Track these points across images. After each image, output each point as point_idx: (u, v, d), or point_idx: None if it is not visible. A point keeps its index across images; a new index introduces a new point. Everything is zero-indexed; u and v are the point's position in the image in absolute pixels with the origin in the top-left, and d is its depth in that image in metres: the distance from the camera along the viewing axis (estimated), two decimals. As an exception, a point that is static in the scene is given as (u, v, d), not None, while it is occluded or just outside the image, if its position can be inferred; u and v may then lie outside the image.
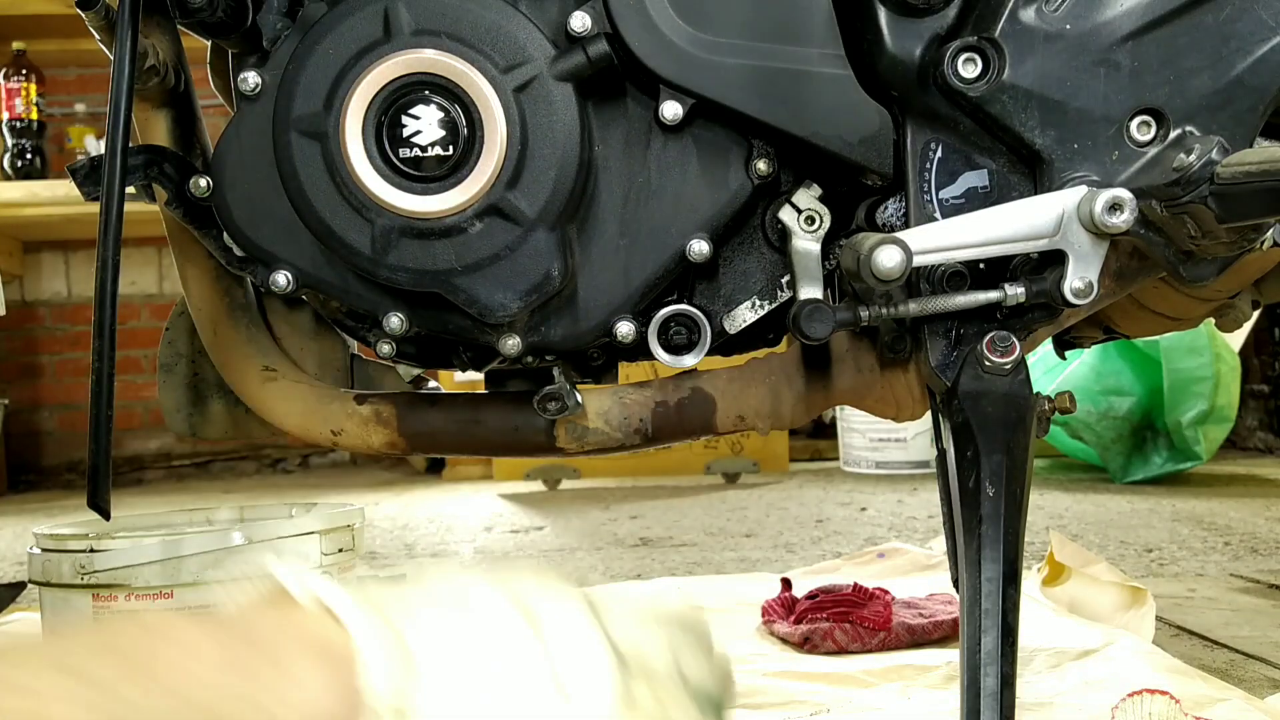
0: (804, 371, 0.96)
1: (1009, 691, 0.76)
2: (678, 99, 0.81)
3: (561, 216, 0.80)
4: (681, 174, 0.84)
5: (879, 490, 3.13)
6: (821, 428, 3.97)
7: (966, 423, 0.80)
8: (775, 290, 0.88)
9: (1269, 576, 1.86)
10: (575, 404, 0.92)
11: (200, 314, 0.99)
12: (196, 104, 0.95)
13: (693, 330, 0.87)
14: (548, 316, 0.85)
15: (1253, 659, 1.37)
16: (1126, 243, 0.83)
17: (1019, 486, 0.79)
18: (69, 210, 3.46)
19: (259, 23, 0.84)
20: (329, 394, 0.98)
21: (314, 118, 0.78)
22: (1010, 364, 0.80)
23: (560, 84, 0.79)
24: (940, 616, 1.38)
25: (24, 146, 3.69)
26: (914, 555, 1.88)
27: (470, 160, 0.78)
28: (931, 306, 0.80)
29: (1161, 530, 2.35)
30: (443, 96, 0.78)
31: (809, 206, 0.85)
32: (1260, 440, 3.95)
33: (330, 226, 0.80)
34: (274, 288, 0.85)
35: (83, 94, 4.11)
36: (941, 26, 0.80)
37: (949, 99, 0.79)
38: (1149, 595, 1.44)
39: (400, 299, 0.85)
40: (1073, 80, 0.78)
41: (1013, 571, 0.77)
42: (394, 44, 0.77)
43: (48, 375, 4.17)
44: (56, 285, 4.22)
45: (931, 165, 0.81)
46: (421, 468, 4.04)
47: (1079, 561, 1.57)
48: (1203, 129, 0.78)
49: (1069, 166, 0.79)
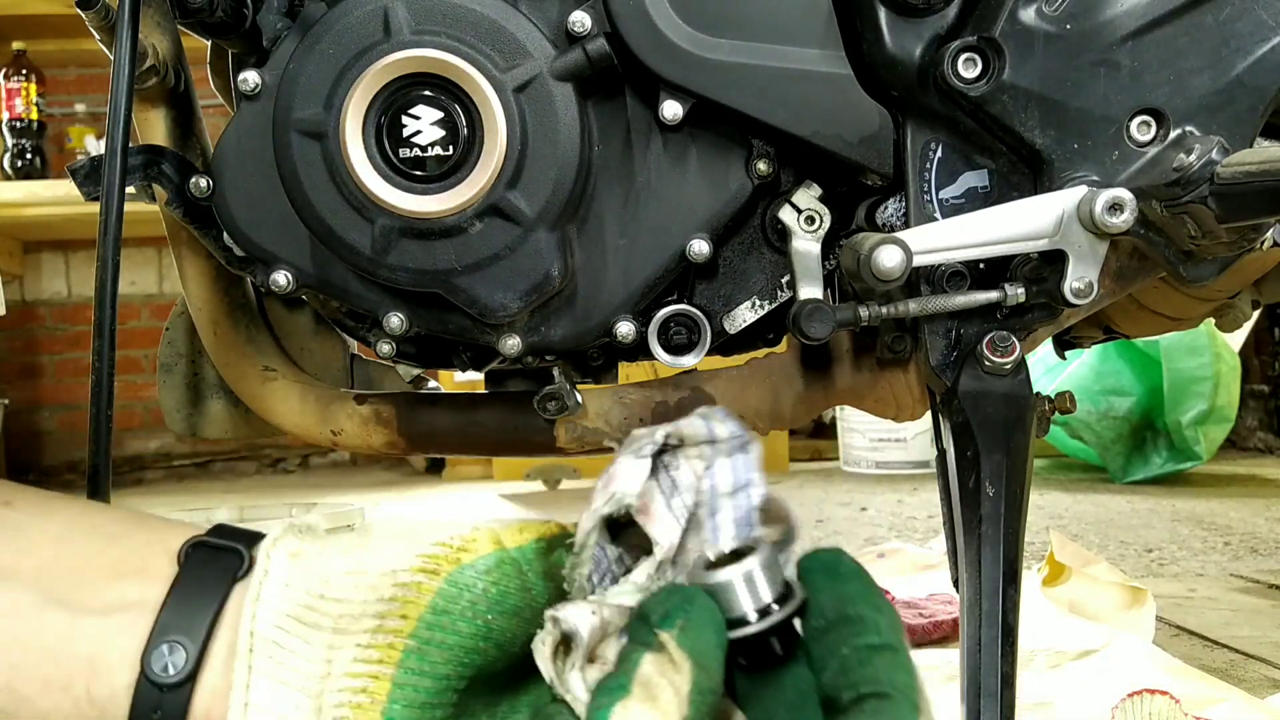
0: (804, 371, 0.96)
1: (1009, 691, 0.76)
2: (678, 99, 0.81)
3: (561, 216, 0.80)
4: (681, 174, 0.84)
5: (879, 490, 3.13)
6: (821, 428, 3.98)
7: (966, 423, 0.80)
8: (775, 290, 0.88)
9: (1269, 576, 1.86)
10: (575, 404, 0.92)
11: (200, 314, 0.99)
12: (196, 104, 0.95)
13: (693, 330, 0.87)
14: (548, 316, 0.85)
15: (1253, 659, 1.37)
16: (1126, 243, 0.83)
17: (1019, 486, 0.79)
18: (69, 210, 3.46)
19: (259, 23, 0.84)
20: (329, 394, 0.98)
21: (314, 118, 0.78)
22: (1010, 364, 0.80)
23: (560, 84, 0.79)
24: (940, 616, 1.38)
25: (24, 146, 3.70)
26: (914, 555, 1.89)
27: (470, 160, 0.78)
28: (931, 306, 0.80)
29: (1161, 530, 2.35)
30: (443, 96, 0.78)
31: (809, 206, 0.85)
32: (1260, 440, 3.95)
33: (330, 226, 0.80)
34: (274, 288, 0.85)
35: (83, 94, 4.12)
36: (941, 26, 0.80)
37: (949, 99, 0.79)
38: (1149, 595, 1.44)
39: (400, 299, 0.85)
40: (1073, 80, 0.78)
41: (1013, 571, 0.77)
42: (394, 43, 0.77)
43: (48, 375, 4.17)
44: (56, 285, 4.22)
45: (931, 165, 0.81)
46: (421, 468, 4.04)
47: (1079, 561, 1.57)
48: (1203, 129, 0.78)
49: (1069, 166, 0.79)
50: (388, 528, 0.47)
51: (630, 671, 0.41)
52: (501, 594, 0.45)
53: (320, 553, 0.46)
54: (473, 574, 0.45)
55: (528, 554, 0.46)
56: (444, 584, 0.45)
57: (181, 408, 1.05)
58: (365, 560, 0.46)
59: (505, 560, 0.46)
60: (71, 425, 4.19)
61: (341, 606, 0.45)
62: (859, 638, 0.43)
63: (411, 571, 0.45)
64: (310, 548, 0.47)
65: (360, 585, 0.45)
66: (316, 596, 0.45)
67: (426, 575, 0.45)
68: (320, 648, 0.45)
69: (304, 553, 0.46)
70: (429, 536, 0.45)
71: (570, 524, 0.48)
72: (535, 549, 0.46)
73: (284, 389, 0.98)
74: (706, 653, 0.42)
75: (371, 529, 0.48)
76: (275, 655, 0.44)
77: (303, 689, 0.44)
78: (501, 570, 0.45)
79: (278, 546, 0.47)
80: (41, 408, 4.14)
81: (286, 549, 0.46)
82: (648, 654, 0.42)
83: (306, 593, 0.45)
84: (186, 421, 1.05)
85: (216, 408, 1.05)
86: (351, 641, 0.44)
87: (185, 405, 1.05)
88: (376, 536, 0.46)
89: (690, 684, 0.41)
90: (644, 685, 0.41)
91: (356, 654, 0.44)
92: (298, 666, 0.44)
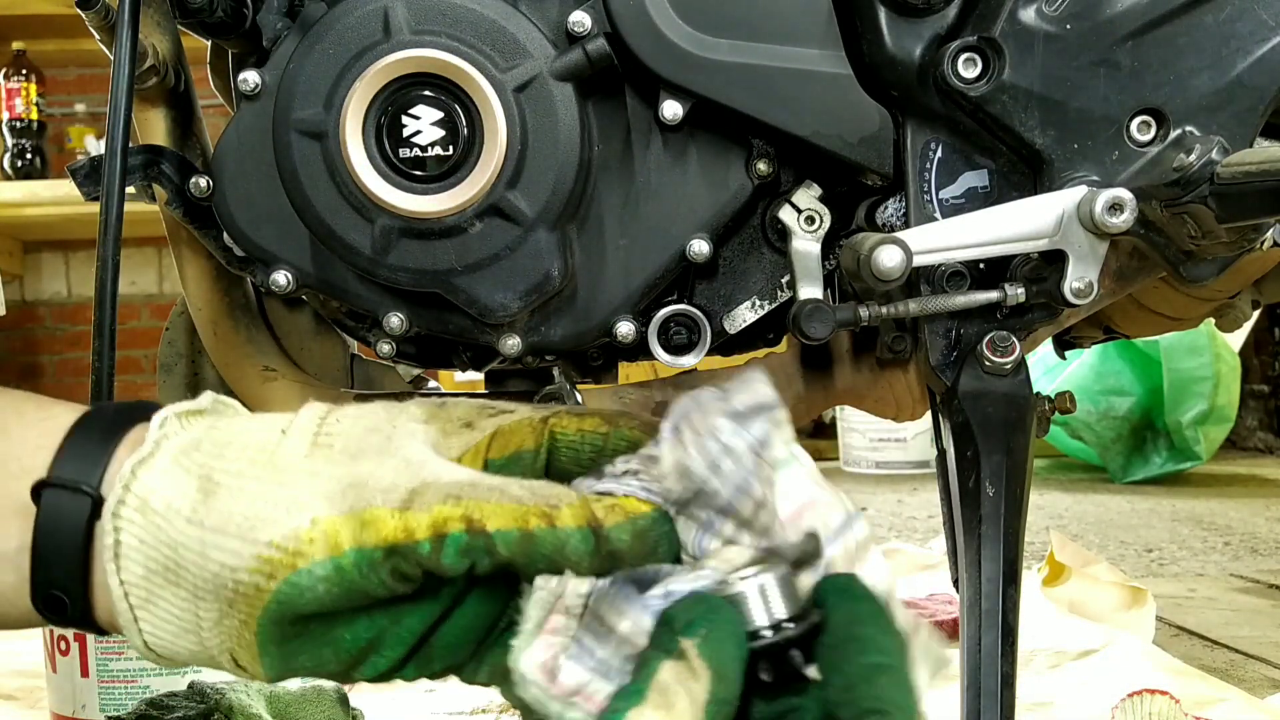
0: (804, 371, 0.96)
1: (1009, 691, 0.76)
2: (678, 99, 0.81)
3: (562, 216, 0.80)
4: (681, 174, 0.84)
5: (879, 490, 3.13)
6: (821, 428, 3.97)
7: (966, 423, 0.80)
8: (775, 290, 0.88)
9: (1269, 576, 1.86)
10: (575, 404, 0.92)
11: (200, 314, 0.99)
12: (196, 104, 0.94)
13: (693, 330, 0.87)
14: (548, 316, 0.85)
15: (1253, 659, 1.37)
16: (1126, 243, 0.83)
17: (1019, 486, 0.79)
18: (69, 210, 3.46)
19: (259, 23, 0.84)
20: (329, 394, 0.98)
21: (314, 118, 0.78)
22: (1010, 364, 0.80)
23: (560, 84, 0.79)
24: (940, 616, 1.38)
25: (24, 146, 3.69)
26: (914, 555, 1.89)
27: (470, 160, 0.78)
28: (931, 306, 0.80)
29: (1161, 530, 2.35)
30: (443, 96, 0.78)
31: (809, 206, 0.85)
32: (1260, 440, 3.95)
33: (330, 226, 0.80)
34: (274, 288, 0.85)
35: (83, 94, 4.11)
36: (941, 26, 0.80)
37: (949, 99, 0.79)
38: (1149, 595, 1.44)
39: (400, 299, 0.85)
40: (1073, 80, 0.78)
41: (1013, 571, 0.77)
42: (394, 43, 0.77)
43: (48, 375, 4.17)
44: (56, 285, 4.22)
45: (931, 165, 0.81)
46: (421, 468, 4.03)
47: (1079, 561, 1.57)
48: (1203, 129, 0.78)
49: (1069, 166, 0.79)
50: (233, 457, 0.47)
51: (648, 678, 0.41)
52: (343, 595, 0.45)
53: (168, 505, 0.46)
54: (309, 579, 0.44)
55: (368, 558, 0.44)
56: (281, 586, 0.44)
57: (181, 408, 1.05)
58: (209, 528, 0.45)
59: (343, 568, 0.44)
60: (71, 425, 4.18)
61: (193, 578, 0.46)
62: (863, 656, 0.43)
63: (249, 572, 0.45)
64: (158, 493, 0.46)
65: (205, 564, 0.45)
66: (172, 562, 0.46)
67: (263, 578, 0.45)
68: (188, 600, 0.46)
69: (151, 505, 0.46)
70: (264, 532, 0.44)
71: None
72: (379, 555, 0.44)
73: (284, 389, 0.98)
74: (727, 663, 0.42)
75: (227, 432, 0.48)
76: (151, 600, 0.47)
77: (184, 626, 0.47)
78: (341, 577, 0.44)
79: (128, 499, 0.46)
80: (41, 408, 4.13)
81: (134, 502, 0.46)
82: (667, 661, 0.41)
83: (161, 555, 0.46)
84: (186, 421, 1.05)
85: (216, 408, 1.05)
86: (211, 609, 0.46)
87: (185, 405, 1.05)
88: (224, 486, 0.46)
89: (708, 693, 0.41)
90: (660, 692, 0.41)
91: (217, 619, 0.46)
92: (172, 613, 0.47)
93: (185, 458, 0.47)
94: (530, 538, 0.44)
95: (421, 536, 0.44)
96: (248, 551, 0.45)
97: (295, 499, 0.45)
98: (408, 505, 0.44)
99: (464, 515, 0.44)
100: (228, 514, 0.45)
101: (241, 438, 0.48)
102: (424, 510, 0.44)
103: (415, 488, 0.45)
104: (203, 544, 0.45)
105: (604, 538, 0.44)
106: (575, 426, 0.49)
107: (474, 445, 0.49)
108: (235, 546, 0.45)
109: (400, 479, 0.45)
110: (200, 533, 0.45)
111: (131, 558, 0.46)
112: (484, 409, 0.50)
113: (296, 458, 0.46)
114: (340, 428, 0.48)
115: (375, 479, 0.45)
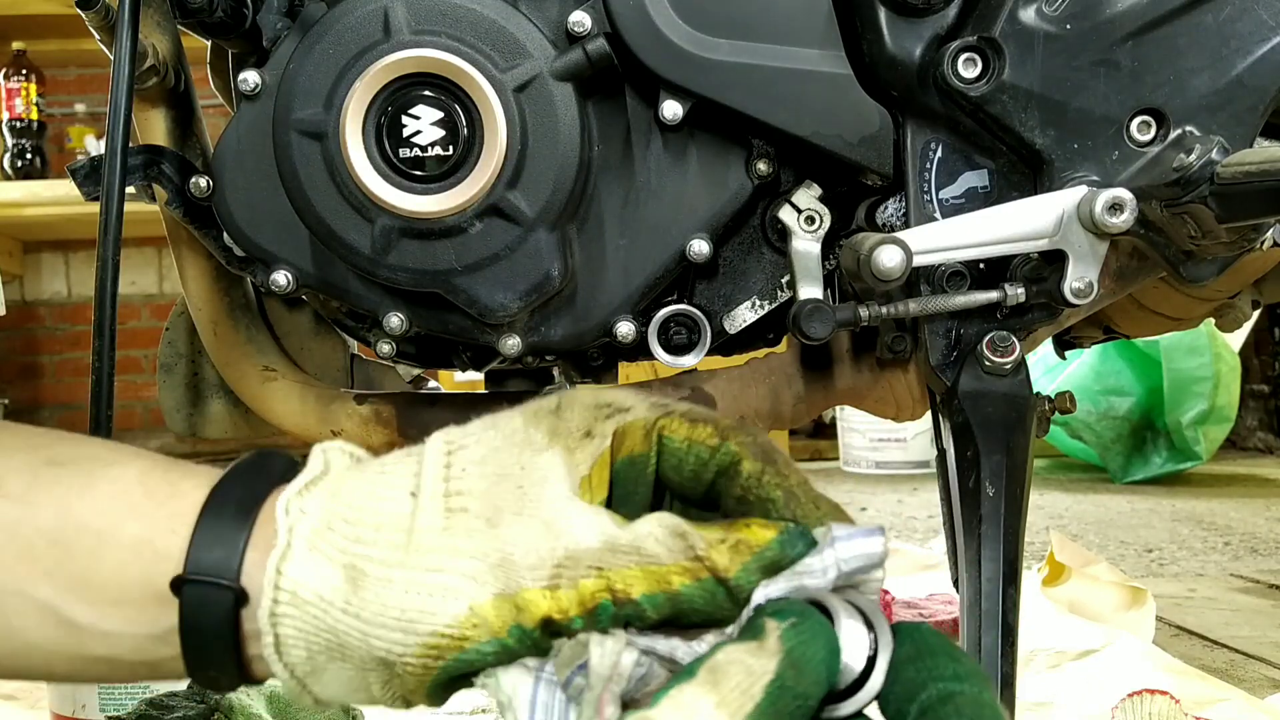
0: (804, 371, 0.96)
1: (1009, 691, 0.76)
2: (678, 99, 0.81)
3: (561, 216, 0.80)
4: (681, 174, 0.84)
5: (879, 490, 3.13)
6: (821, 428, 3.97)
7: (966, 423, 0.80)
8: (775, 290, 0.88)
9: (1269, 576, 1.86)
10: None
11: (200, 314, 0.99)
12: (196, 104, 0.94)
13: (693, 330, 0.87)
14: (548, 316, 0.85)
15: (1253, 659, 1.37)
16: (1126, 243, 0.83)
17: (1019, 486, 0.79)
18: (69, 210, 3.46)
19: (259, 23, 0.84)
20: (329, 394, 0.98)
21: (314, 118, 0.78)
22: (1010, 364, 0.80)
23: (560, 84, 0.79)
24: (940, 616, 1.38)
25: (24, 146, 3.69)
26: (914, 555, 1.89)
27: (470, 160, 0.78)
28: (931, 306, 0.80)
29: (1161, 530, 2.35)
30: (443, 96, 0.78)
31: (809, 206, 0.85)
32: (1260, 440, 3.95)
33: (330, 226, 0.80)
34: (274, 288, 0.85)
35: (83, 94, 4.11)
36: (941, 26, 0.80)
37: (949, 99, 0.79)
38: (1149, 595, 1.44)
39: (400, 299, 0.85)
40: (1073, 80, 0.78)
41: (1013, 571, 0.77)
42: (394, 43, 0.77)
43: (48, 375, 4.17)
44: (56, 285, 4.22)
45: (931, 165, 0.81)
46: (421, 468, 4.03)
47: (1079, 561, 1.57)
48: (1203, 129, 0.78)
49: (1069, 166, 0.79)
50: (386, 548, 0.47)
51: (705, 658, 0.41)
52: (505, 658, 0.46)
53: (319, 596, 0.46)
54: (476, 655, 0.45)
55: (528, 635, 0.45)
56: (449, 662, 0.45)
57: (181, 408, 1.05)
58: (367, 621, 0.46)
59: (505, 644, 0.45)
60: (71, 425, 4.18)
61: (358, 658, 0.47)
62: (939, 683, 0.42)
63: (415, 657, 0.45)
64: (306, 585, 0.46)
65: (369, 649, 0.46)
66: (335, 645, 0.47)
67: (430, 659, 0.45)
68: (355, 672, 0.47)
69: (301, 596, 0.46)
70: (425, 624, 0.45)
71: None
72: (537, 631, 0.45)
73: (284, 389, 0.98)
74: (808, 656, 0.41)
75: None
76: (316, 674, 0.47)
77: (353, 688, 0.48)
78: (504, 649, 0.45)
79: (280, 597, 0.47)
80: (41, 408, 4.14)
81: (286, 598, 0.47)
82: (735, 642, 0.41)
83: (323, 640, 0.47)
84: (187, 421, 1.05)
85: (216, 408, 1.05)
86: (379, 676, 0.47)
87: (185, 405, 1.05)
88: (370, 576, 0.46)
89: (774, 675, 0.40)
90: (711, 670, 0.41)
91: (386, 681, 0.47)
92: (339, 680, 0.48)
93: (321, 541, 0.47)
94: (677, 598, 0.45)
95: (574, 614, 0.45)
96: (412, 641, 0.45)
97: (446, 587, 0.45)
98: (555, 583, 0.45)
99: (609, 587, 0.45)
100: (382, 607, 0.45)
101: (371, 511, 0.48)
102: (571, 587, 0.45)
103: (560, 562, 0.45)
104: (364, 635, 0.46)
105: (735, 587, 0.45)
106: (686, 434, 0.48)
107: (599, 457, 0.49)
108: (398, 638, 0.45)
109: (544, 551, 0.46)
110: (359, 624, 0.46)
111: (293, 646, 0.47)
112: (600, 410, 0.50)
113: (434, 532, 0.46)
114: (469, 482, 0.48)
115: (521, 554, 0.45)
